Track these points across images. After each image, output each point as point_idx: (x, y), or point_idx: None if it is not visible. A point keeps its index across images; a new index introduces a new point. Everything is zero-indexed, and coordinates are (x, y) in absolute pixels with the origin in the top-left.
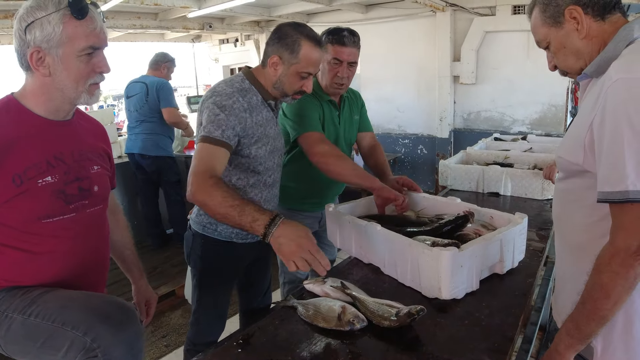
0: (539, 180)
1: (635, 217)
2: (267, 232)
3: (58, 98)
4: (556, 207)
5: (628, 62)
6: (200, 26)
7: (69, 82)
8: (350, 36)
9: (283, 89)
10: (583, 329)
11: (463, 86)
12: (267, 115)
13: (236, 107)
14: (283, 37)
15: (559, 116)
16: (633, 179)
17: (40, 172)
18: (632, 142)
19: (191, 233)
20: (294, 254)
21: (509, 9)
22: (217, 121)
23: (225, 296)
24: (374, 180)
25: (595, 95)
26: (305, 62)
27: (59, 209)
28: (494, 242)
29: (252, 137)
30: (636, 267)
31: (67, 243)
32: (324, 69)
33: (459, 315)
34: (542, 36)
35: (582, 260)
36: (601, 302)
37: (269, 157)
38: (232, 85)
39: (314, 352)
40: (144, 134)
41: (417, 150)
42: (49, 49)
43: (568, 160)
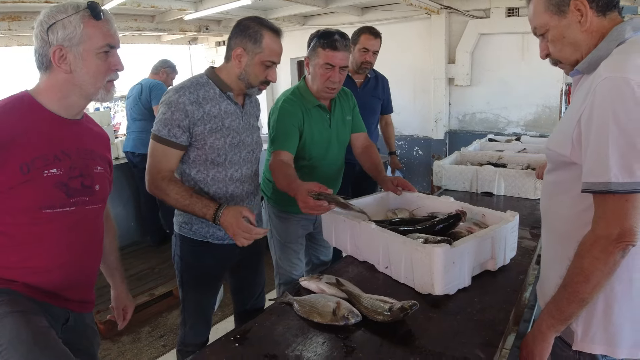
0: (531, 180)
1: (616, 207)
2: (215, 221)
3: (76, 94)
4: (544, 198)
5: (617, 61)
6: (197, 28)
7: (88, 78)
8: (341, 40)
9: (248, 80)
10: (564, 310)
11: (458, 88)
12: (227, 108)
13: (181, 102)
14: (245, 29)
15: (553, 117)
16: (615, 172)
17: (47, 163)
18: (616, 138)
19: (174, 234)
20: (235, 235)
21: (503, 11)
22: (164, 120)
23: (207, 297)
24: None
25: (585, 91)
26: (268, 51)
27: (60, 200)
28: (485, 239)
29: (204, 128)
30: (615, 253)
31: (62, 234)
32: (315, 73)
33: (451, 311)
34: (541, 23)
35: (567, 248)
36: (581, 286)
37: (233, 150)
38: (188, 80)
39: (310, 346)
40: (135, 133)
41: (413, 151)
42: (71, 47)
43: (557, 152)
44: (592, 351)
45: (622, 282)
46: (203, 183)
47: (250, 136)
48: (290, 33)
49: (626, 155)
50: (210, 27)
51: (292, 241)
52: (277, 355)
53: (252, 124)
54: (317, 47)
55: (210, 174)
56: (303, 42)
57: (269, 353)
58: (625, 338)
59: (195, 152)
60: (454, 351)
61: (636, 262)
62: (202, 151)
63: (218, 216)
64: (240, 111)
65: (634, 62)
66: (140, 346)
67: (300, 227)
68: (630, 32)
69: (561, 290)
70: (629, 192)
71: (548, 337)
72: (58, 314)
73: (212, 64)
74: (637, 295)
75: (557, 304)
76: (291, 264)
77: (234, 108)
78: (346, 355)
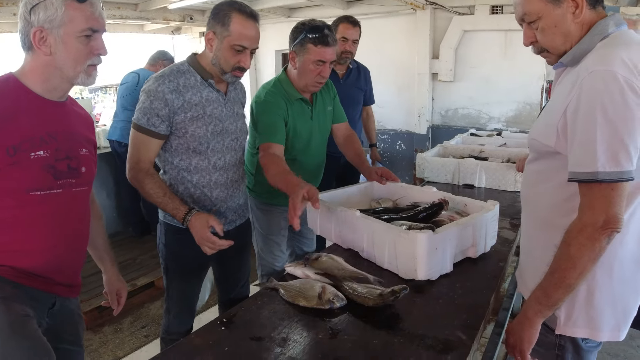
0: (512, 172)
1: (602, 196)
2: (184, 222)
3: (57, 77)
4: (525, 186)
5: (604, 55)
6: (181, 18)
7: (68, 62)
8: (331, 35)
9: (220, 65)
10: (551, 296)
11: (441, 83)
12: (208, 96)
13: (160, 90)
14: (216, 13)
15: (534, 114)
16: (603, 162)
17: (34, 146)
18: (604, 129)
19: (159, 222)
20: (200, 244)
21: (487, 8)
22: (143, 109)
23: (192, 285)
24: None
25: (570, 84)
26: (236, 34)
27: (47, 182)
28: (467, 227)
29: (184, 116)
30: (601, 240)
31: (50, 217)
32: (304, 69)
33: (434, 295)
34: (534, 10)
35: (548, 236)
36: (569, 272)
37: (215, 138)
38: (168, 68)
39: (296, 329)
40: (123, 122)
41: (396, 145)
42: (51, 29)
43: (541, 142)
44: (574, 335)
45: (603, 269)
46: (186, 171)
47: (233, 123)
48: (275, 25)
49: (612, 145)
50: (194, 17)
51: (274, 233)
52: (263, 337)
53: (236, 111)
54: (308, 43)
55: (193, 162)
56: (288, 35)
57: (255, 335)
58: (606, 321)
59: (177, 141)
60: (436, 332)
61: (617, 250)
62: (184, 139)
63: (186, 221)
64: (222, 98)
65: (620, 57)
66: (123, 336)
67: (282, 219)
68: (613, 27)
69: (548, 277)
70: (615, 181)
71: (535, 323)
72: (44, 299)
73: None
74: (617, 281)
75: (544, 290)
76: (273, 255)
77: (215, 95)
78: (331, 338)
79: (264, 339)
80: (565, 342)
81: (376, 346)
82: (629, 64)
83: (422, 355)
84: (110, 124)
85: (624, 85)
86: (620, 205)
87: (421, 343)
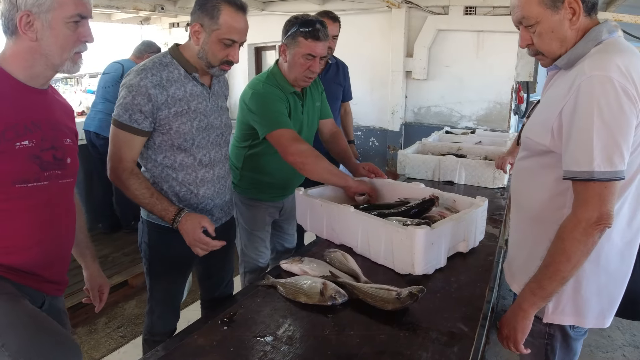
0: (490, 170)
1: (596, 194)
2: (173, 225)
3: (41, 64)
4: (516, 182)
5: (600, 60)
6: (152, 8)
7: (55, 48)
8: (323, 29)
9: (207, 59)
10: (546, 287)
11: (415, 81)
12: (192, 90)
13: (143, 85)
14: (203, 4)
15: (504, 113)
16: (599, 162)
17: (18, 135)
18: (600, 131)
19: (141, 220)
20: (192, 245)
21: (461, 9)
22: (124, 104)
23: (176, 285)
24: (347, 179)
25: (566, 87)
26: (226, 28)
27: (34, 174)
28: (460, 222)
29: (169, 112)
30: (594, 235)
31: (37, 210)
32: (294, 62)
33: (431, 289)
34: (532, 14)
35: (539, 230)
36: (563, 265)
37: (200, 134)
38: (150, 61)
39: (300, 326)
40: (103, 113)
41: (369, 142)
42: (39, 13)
43: (535, 141)
44: (562, 322)
45: (591, 261)
46: (171, 169)
47: (218, 118)
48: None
49: (607, 147)
50: (165, 6)
51: (259, 229)
52: (268, 335)
53: (220, 105)
54: (299, 36)
55: (178, 160)
56: (262, 28)
57: (260, 334)
58: (592, 309)
59: (161, 138)
60: (439, 326)
61: (603, 243)
62: (168, 136)
63: (176, 222)
64: (207, 92)
65: (616, 63)
66: (98, 337)
67: (267, 215)
68: (606, 34)
69: (543, 270)
70: (609, 180)
71: (529, 314)
72: (35, 297)
73: (165, 46)
74: (603, 273)
75: (539, 283)
76: (258, 252)
77: (200, 89)
78: (338, 334)
79: (270, 337)
80: (555, 331)
81: (383, 340)
82: (624, 70)
83: (428, 347)
84: (88, 114)
85: (619, 90)
86: (613, 202)
87: (426, 336)
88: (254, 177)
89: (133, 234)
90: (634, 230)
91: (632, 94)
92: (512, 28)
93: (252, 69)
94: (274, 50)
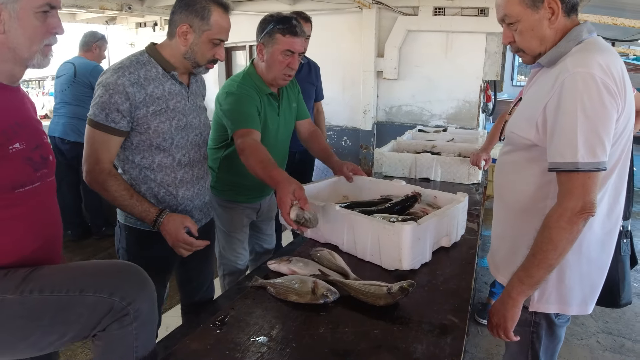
0: (465, 166)
1: (580, 184)
2: (155, 226)
3: (10, 59)
4: (499, 176)
5: (582, 58)
6: (119, 7)
7: (23, 40)
8: (299, 25)
9: (195, 59)
10: (533, 275)
11: (386, 81)
12: (170, 89)
13: (120, 83)
14: (191, 4)
15: (472, 112)
16: (582, 153)
17: (9, 138)
18: (583, 124)
19: (118, 225)
20: (175, 246)
21: (431, 10)
22: (101, 103)
23: (157, 291)
24: (277, 175)
25: (550, 83)
26: (217, 28)
27: (29, 176)
28: (443, 218)
29: (147, 111)
30: (579, 223)
31: (33, 216)
32: (272, 60)
33: (419, 283)
34: (513, 13)
35: (525, 220)
36: (550, 253)
37: (179, 134)
38: (127, 59)
39: (294, 325)
40: (66, 117)
41: (342, 142)
42: (6, 3)
43: (519, 136)
44: (547, 310)
45: (574, 251)
46: (149, 170)
47: (197, 118)
48: None
49: (590, 139)
50: (133, 6)
51: (237, 230)
52: (263, 336)
53: (198, 104)
54: (276, 34)
55: (157, 160)
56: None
57: (255, 336)
58: (575, 297)
59: (139, 137)
60: (430, 318)
61: (585, 232)
62: (146, 136)
63: (158, 223)
64: (185, 91)
65: (597, 61)
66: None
67: (244, 216)
68: (586, 33)
69: (530, 259)
70: (592, 170)
71: (518, 303)
72: None
73: (132, 46)
74: (585, 261)
75: (527, 271)
76: (236, 254)
77: (178, 88)
78: (333, 331)
79: (265, 338)
80: (540, 319)
81: (377, 335)
82: (605, 67)
83: (422, 340)
84: (52, 119)
85: (601, 86)
86: (596, 192)
87: (419, 329)
88: (231, 179)
89: (104, 240)
90: (614, 220)
91: (612, 89)
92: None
93: (222, 69)
94: (243, 50)
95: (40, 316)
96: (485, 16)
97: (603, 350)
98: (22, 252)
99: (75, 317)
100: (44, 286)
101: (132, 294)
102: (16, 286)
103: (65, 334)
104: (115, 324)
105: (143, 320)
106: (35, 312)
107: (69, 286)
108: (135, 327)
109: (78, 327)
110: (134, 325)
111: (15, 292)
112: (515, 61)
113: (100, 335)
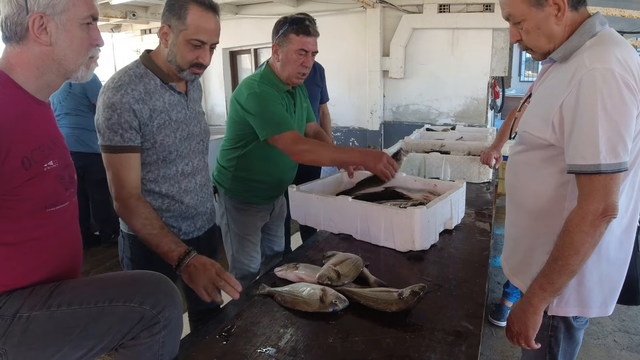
0: (475, 165)
1: (602, 186)
2: (180, 264)
3: (53, 71)
4: (511, 177)
5: (600, 52)
6: (123, 14)
7: (70, 52)
8: (312, 25)
9: (176, 62)
10: (555, 282)
11: (392, 80)
12: (170, 99)
13: (126, 101)
14: (171, 4)
15: (481, 109)
16: (604, 154)
17: (44, 155)
18: (604, 123)
19: (122, 234)
20: (203, 282)
21: (436, 7)
22: (111, 125)
23: None
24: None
25: (565, 80)
26: (194, 28)
27: (60, 195)
28: (447, 202)
29: (152, 126)
30: (601, 226)
31: (63, 235)
32: (287, 59)
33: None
34: (518, 12)
35: (541, 222)
36: (572, 258)
37: (183, 144)
38: (125, 74)
39: (304, 335)
40: (68, 128)
41: (349, 142)
42: (54, 14)
43: (534, 135)
44: (566, 314)
45: (593, 252)
46: (153, 182)
47: (197, 125)
48: (223, 22)
49: (612, 139)
50: (137, 13)
51: (251, 232)
52: (271, 347)
53: (197, 111)
54: (290, 33)
55: (161, 173)
56: (236, 32)
57: (262, 347)
58: (595, 299)
59: (145, 153)
60: (444, 325)
61: (605, 235)
62: (153, 150)
63: (183, 264)
64: (184, 100)
65: (615, 55)
66: None
67: (258, 218)
68: (599, 26)
69: (551, 264)
70: (615, 172)
71: (539, 310)
72: None
73: (138, 53)
74: (604, 262)
75: (548, 278)
76: (249, 257)
77: (177, 98)
78: (343, 340)
79: (273, 349)
80: (558, 323)
81: (389, 344)
82: (623, 62)
83: (436, 348)
84: None
85: (621, 82)
86: (617, 193)
87: (432, 337)
88: (247, 178)
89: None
90: (630, 217)
91: (632, 85)
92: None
93: (227, 73)
94: (248, 54)
95: (69, 331)
96: (490, 12)
97: (620, 349)
98: (48, 271)
99: (105, 328)
100: (72, 299)
101: (161, 302)
102: (43, 302)
103: (94, 347)
104: (144, 332)
105: (171, 328)
106: (64, 326)
107: (97, 297)
108: (163, 336)
109: (108, 339)
110: (162, 333)
111: (42, 307)
112: (522, 57)
113: (126, 344)
